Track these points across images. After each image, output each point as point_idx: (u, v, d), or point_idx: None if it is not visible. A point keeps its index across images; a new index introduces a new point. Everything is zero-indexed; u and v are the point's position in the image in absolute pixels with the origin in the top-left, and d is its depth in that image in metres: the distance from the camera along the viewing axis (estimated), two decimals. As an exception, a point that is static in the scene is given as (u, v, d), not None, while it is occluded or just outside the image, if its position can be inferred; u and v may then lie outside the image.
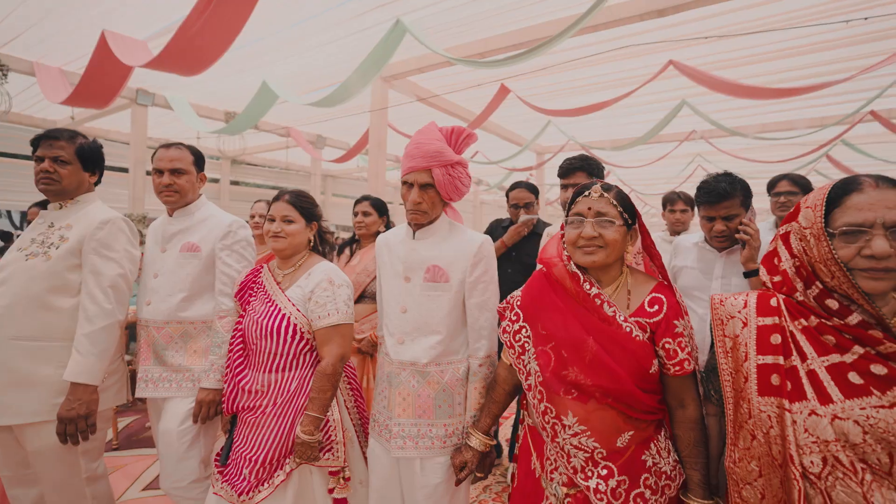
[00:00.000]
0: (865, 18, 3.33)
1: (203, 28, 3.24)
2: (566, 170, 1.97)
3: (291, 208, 1.68)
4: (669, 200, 3.36)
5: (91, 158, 1.79)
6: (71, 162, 1.73)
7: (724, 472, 1.12)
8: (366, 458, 1.72)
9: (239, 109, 7.45)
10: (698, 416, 1.19)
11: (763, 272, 1.15)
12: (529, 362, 1.32)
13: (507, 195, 2.92)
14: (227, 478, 1.57)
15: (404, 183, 1.52)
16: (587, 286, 1.23)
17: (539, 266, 1.43)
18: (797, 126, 6.57)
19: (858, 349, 0.95)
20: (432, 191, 1.49)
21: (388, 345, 1.57)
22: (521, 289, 1.42)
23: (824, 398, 0.95)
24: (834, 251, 0.93)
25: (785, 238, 1.09)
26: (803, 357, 1.00)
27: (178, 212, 1.91)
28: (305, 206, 1.71)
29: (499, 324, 1.52)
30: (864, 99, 5.48)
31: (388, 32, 4.38)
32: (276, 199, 1.72)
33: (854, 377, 0.94)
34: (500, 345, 1.68)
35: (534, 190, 2.83)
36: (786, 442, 0.96)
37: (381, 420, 1.58)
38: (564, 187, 1.98)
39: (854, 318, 0.96)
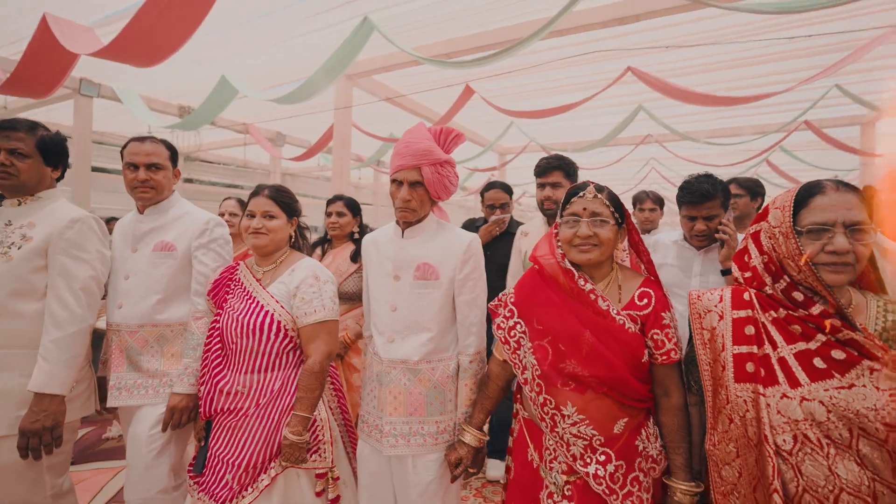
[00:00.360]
0: (809, 36, 3.60)
1: (161, 17, 3.09)
2: (544, 168, 2.02)
3: (272, 203, 1.64)
4: (639, 200, 3.53)
5: (53, 152, 1.68)
6: (30, 155, 1.62)
7: (704, 457, 1.20)
8: (349, 459, 1.71)
9: (193, 104, 7.14)
10: (682, 403, 1.27)
11: (735, 269, 1.24)
12: (525, 357, 1.37)
13: (482, 195, 2.96)
14: (204, 487, 1.52)
15: (394, 181, 1.53)
16: (582, 282, 1.30)
17: (530, 264, 1.48)
18: (742, 133, 7.03)
19: (821, 337, 1.06)
20: (421, 189, 1.51)
21: (378, 344, 1.58)
22: (513, 286, 1.47)
23: (794, 382, 1.05)
24: (801, 248, 1.03)
25: (755, 237, 1.18)
26: (774, 346, 1.09)
27: (151, 209, 1.82)
28: (286, 201, 1.68)
29: (487, 320, 1.56)
30: (801, 109, 5.93)
31: (356, 29, 4.34)
32: (256, 193, 1.67)
33: (818, 362, 1.04)
34: (489, 340, 1.72)
35: (508, 190, 2.88)
36: (761, 423, 1.05)
37: (371, 420, 1.58)
38: (542, 186, 2.03)
39: (817, 309, 1.06)
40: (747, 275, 1.20)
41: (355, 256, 2.41)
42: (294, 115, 7.38)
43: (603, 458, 1.22)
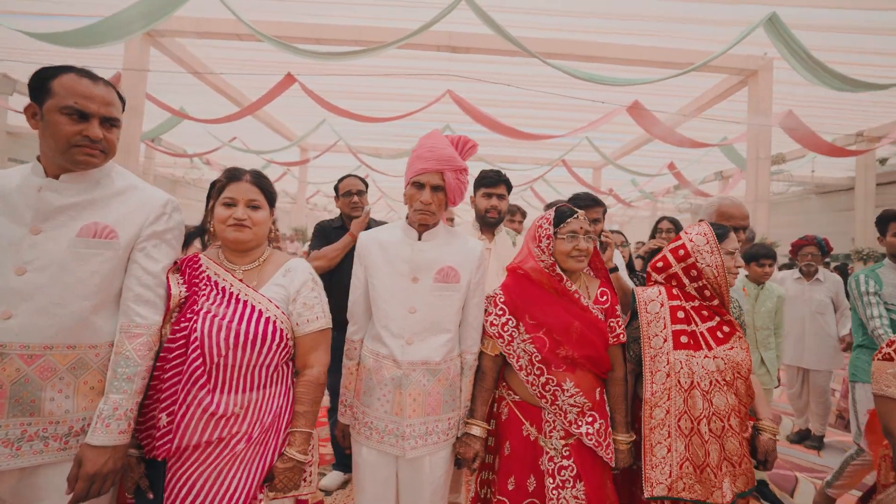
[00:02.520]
0: (603, 102, 4.85)
1: None
2: (495, 181, 2.20)
3: (258, 191, 1.39)
4: (510, 212, 4.06)
5: None
6: None
7: (634, 415, 1.69)
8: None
9: None
10: (624, 375, 1.73)
11: (653, 273, 1.79)
12: (519, 348, 1.62)
13: (336, 188, 2.79)
14: None
15: (414, 184, 1.55)
16: (568, 284, 1.64)
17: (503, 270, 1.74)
18: (521, 161, 8.70)
19: (717, 318, 1.67)
20: (441, 193, 1.56)
21: (393, 346, 1.53)
22: (500, 287, 1.69)
23: (709, 347, 1.63)
24: (724, 262, 1.62)
25: (674, 251, 1.75)
26: (696, 324, 1.66)
27: (73, 175, 1.28)
28: (270, 189, 1.45)
29: None
30: (563, 150, 7.76)
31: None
32: (234, 178, 1.39)
33: (719, 334, 1.65)
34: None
35: (363, 180, 2.83)
36: (693, 375, 1.59)
37: (383, 426, 1.52)
38: (488, 196, 2.20)
39: (715, 301, 1.67)
40: (663, 276, 1.76)
41: None
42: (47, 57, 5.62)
43: (590, 419, 1.58)
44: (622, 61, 5.79)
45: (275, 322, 1.34)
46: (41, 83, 1.24)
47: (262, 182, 1.43)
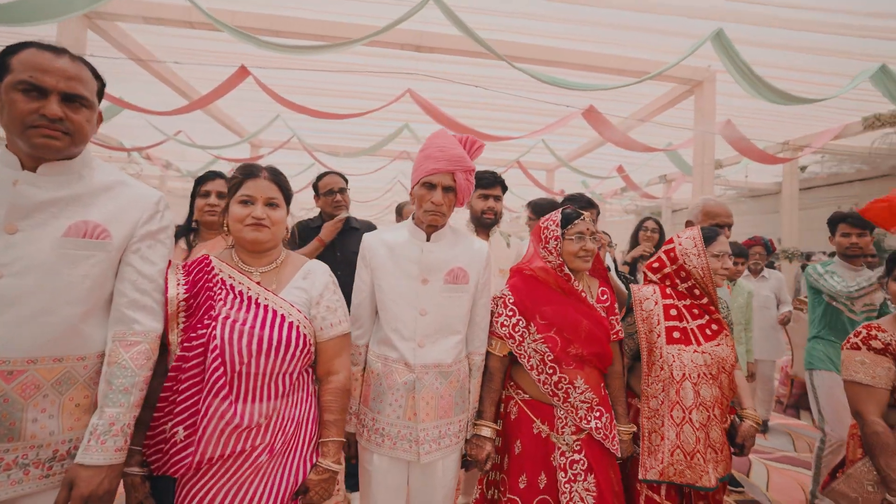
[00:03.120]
0: (567, 106, 4.96)
1: None
2: (491, 182, 2.21)
3: (276, 189, 1.33)
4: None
5: None
6: None
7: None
8: None
9: None
10: (622, 370, 1.81)
11: (649, 273, 1.87)
12: (530, 347, 1.64)
13: (315, 186, 2.69)
14: None
15: (424, 184, 1.52)
16: (576, 284, 1.68)
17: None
18: (479, 162, 8.77)
19: (707, 316, 1.77)
20: (452, 194, 1.54)
21: (404, 350, 1.50)
22: (508, 288, 1.71)
23: (698, 342, 1.72)
24: (710, 264, 1.71)
25: (666, 253, 1.83)
26: (687, 321, 1.75)
27: (52, 166, 1.15)
28: (287, 187, 1.39)
29: None
30: (519, 152, 7.92)
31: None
32: (251, 175, 1.31)
33: (708, 331, 1.75)
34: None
35: (343, 177, 2.75)
36: (684, 368, 1.68)
37: (395, 432, 1.49)
38: (485, 197, 2.21)
39: (705, 300, 1.77)
40: (658, 276, 1.85)
41: None
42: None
43: (598, 413, 1.63)
44: (579, 66, 5.99)
45: (298, 327, 1.29)
46: (1, 61, 1.10)
47: (280, 179, 1.36)
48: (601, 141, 8.25)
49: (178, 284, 1.26)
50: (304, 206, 11.65)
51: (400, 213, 3.46)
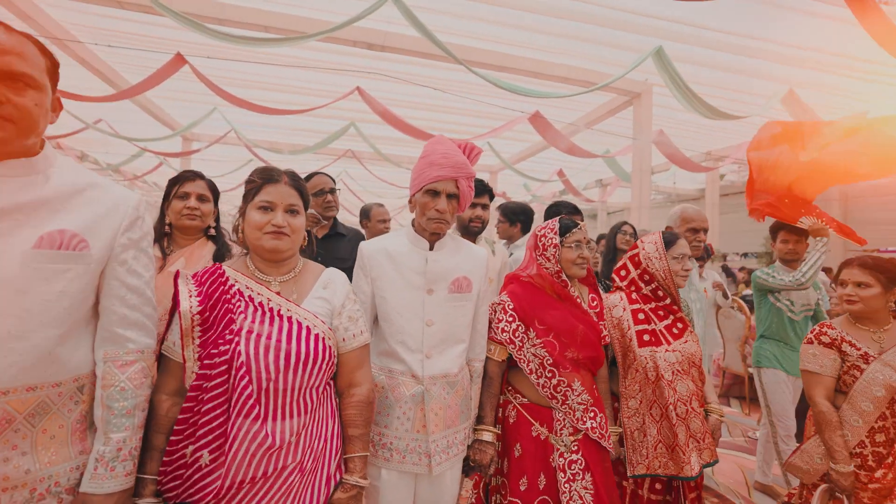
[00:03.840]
0: (520, 112, 5.08)
1: None
2: (479, 191, 2.18)
3: (297, 195, 1.26)
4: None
5: None
6: None
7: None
8: None
9: None
10: (607, 373, 1.88)
11: (617, 279, 1.97)
12: (529, 352, 1.67)
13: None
14: None
15: (427, 191, 1.48)
16: (572, 290, 1.74)
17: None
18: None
19: (671, 317, 1.89)
20: (455, 201, 1.51)
21: (411, 362, 1.46)
22: (507, 294, 1.73)
23: (668, 342, 1.83)
24: (671, 267, 1.83)
25: (631, 259, 1.94)
26: (655, 323, 1.86)
27: (10, 166, 1.00)
28: (306, 192, 1.32)
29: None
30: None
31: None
32: (270, 179, 1.23)
33: (674, 330, 1.87)
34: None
35: (332, 178, 2.71)
36: (658, 368, 1.79)
37: (403, 445, 1.44)
38: (472, 205, 2.19)
39: (668, 300, 1.89)
40: (625, 283, 1.95)
41: (220, 257, 1.82)
42: None
43: (593, 414, 1.69)
44: (528, 73, 6.18)
45: (324, 339, 1.23)
46: None
47: (300, 185, 1.30)
48: (544, 145, 8.56)
49: (191, 296, 1.16)
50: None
51: (367, 216, 3.34)
